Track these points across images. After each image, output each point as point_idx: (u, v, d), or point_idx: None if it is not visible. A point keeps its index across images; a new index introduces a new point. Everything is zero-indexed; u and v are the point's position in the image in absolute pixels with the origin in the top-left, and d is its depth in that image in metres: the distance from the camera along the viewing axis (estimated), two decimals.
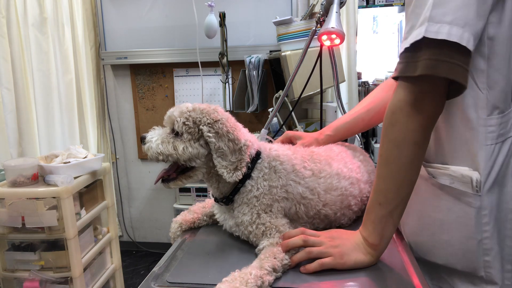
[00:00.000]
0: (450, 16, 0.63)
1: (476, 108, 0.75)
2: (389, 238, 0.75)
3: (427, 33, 0.63)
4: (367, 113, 1.06)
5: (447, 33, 0.62)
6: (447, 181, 0.78)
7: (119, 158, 3.05)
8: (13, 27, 2.31)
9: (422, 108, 0.68)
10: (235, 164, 0.82)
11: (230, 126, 0.83)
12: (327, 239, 0.78)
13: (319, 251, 0.75)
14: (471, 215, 0.77)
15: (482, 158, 0.75)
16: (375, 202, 0.75)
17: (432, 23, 0.64)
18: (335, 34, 1.20)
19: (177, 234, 0.99)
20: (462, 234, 0.78)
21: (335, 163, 0.94)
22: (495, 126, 0.75)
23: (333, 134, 1.09)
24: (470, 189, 0.76)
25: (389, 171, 0.72)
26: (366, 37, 3.87)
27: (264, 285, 0.69)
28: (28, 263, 1.76)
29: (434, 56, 0.64)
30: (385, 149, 0.72)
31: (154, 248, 3.12)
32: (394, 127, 0.70)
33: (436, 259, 0.84)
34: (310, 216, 0.89)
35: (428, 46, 0.65)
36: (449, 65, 0.63)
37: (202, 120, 0.82)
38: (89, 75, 2.83)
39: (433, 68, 0.64)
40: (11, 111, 2.30)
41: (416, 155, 0.71)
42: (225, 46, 2.40)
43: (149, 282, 0.75)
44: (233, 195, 0.87)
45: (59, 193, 1.66)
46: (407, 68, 0.68)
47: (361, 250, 0.76)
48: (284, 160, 0.88)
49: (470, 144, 0.76)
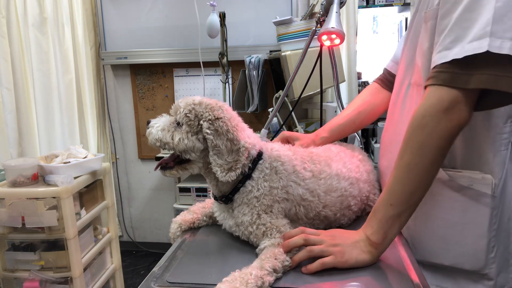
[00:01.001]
0: (511, 32, 0.65)
1: (494, 117, 0.79)
2: (392, 239, 0.76)
3: (491, 47, 0.65)
4: (358, 116, 1.12)
5: (510, 48, 0.65)
6: (466, 183, 0.82)
7: (119, 158, 3.05)
8: (13, 27, 2.31)
9: (453, 115, 0.70)
10: (230, 164, 0.82)
11: (231, 125, 0.83)
12: (328, 237, 0.78)
13: (320, 249, 0.75)
14: (486, 215, 0.81)
15: (497, 163, 0.80)
16: (386, 202, 0.75)
17: (494, 39, 0.65)
18: (335, 34, 1.19)
19: (177, 234, 0.99)
20: (474, 234, 0.82)
21: (334, 164, 0.94)
22: (508, 133, 0.80)
23: (329, 135, 1.12)
24: (489, 191, 0.80)
25: (407, 174, 0.73)
26: (366, 37, 3.87)
27: (264, 285, 0.69)
28: (28, 263, 1.76)
29: (494, 72, 0.66)
30: (408, 152, 0.73)
31: (154, 248, 3.12)
32: (422, 130, 0.72)
33: (443, 261, 0.86)
34: (310, 218, 0.89)
35: (486, 61, 0.67)
36: (510, 80, 0.66)
37: (204, 115, 0.83)
38: (89, 75, 2.83)
39: (493, 83, 0.66)
40: (11, 111, 2.30)
41: (436, 161, 0.73)
42: (225, 46, 2.40)
43: (149, 282, 0.74)
44: (233, 194, 0.87)
45: (59, 193, 1.66)
46: (457, 79, 0.69)
47: (361, 249, 0.76)
48: (285, 160, 0.88)
49: (486, 150, 0.81)
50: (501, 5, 0.66)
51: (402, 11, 3.20)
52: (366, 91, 1.16)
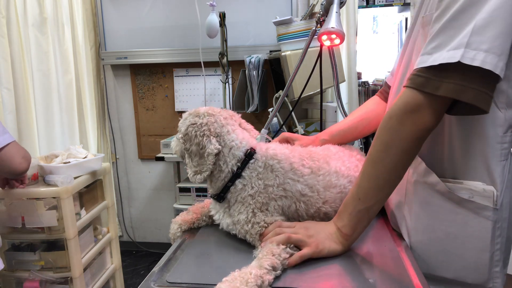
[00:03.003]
0: (487, 44, 0.65)
1: (494, 126, 0.78)
2: (361, 231, 0.82)
3: (463, 58, 0.65)
4: (359, 123, 1.12)
5: (482, 61, 0.65)
6: (466, 195, 0.80)
7: (119, 158, 3.05)
8: (13, 27, 2.30)
9: (417, 119, 0.71)
10: (197, 168, 0.87)
11: (202, 130, 0.87)
12: (302, 229, 0.82)
13: (298, 238, 0.79)
14: (488, 228, 0.79)
15: (498, 173, 0.78)
16: (355, 196, 0.79)
17: (468, 50, 0.65)
18: (335, 34, 1.19)
19: (177, 234, 0.99)
20: (476, 247, 0.80)
21: (333, 162, 0.95)
22: (508, 143, 0.79)
23: (329, 139, 1.12)
24: (491, 204, 0.78)
25: (374, 171, 0.76)
26: (366, 37, 3.87)
27: (264, 284, 0.69)
28: (28, 263, 1.76)
29: (462, 82, 0.67)
30: (375, 149, 0.76)
31: (154, 248, 3.12)
32: (388, 130, 0.74)
33: (445, 274, 0.84)
34: (311, 214, 0.89)
35: (457, 70, 0.67)
36: (476, 92, 0.66)
37: (185, 121, 0.90)
38: (89, 75, 2.83)
39: (458, 93, 0.67)
40: (11, 111, 2.30)
41: (401, 162, 0.74)
42: (225, 46, 2.40)
43: (149, 282, 0.75)
44: (224, 193, 0.90)
45: (59, 193, 1.66)
46: (428, 84, 0.70)
47: (333, 240, 0.81)
48: (281, 158, 0.89)
49: (487, 160, 0.79)
50: (484, 16, 0.66)
51: (402, 11, 3.20)
52: (369, 101, 1.17)
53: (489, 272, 0.80)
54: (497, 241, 0.79)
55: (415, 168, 0.86)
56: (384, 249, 0.85)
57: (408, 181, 0.87)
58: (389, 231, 0.94)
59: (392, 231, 0.94)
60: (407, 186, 0.88)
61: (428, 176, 0.83)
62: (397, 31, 3.58)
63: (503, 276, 0.82)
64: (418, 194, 0.85)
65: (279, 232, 0.81)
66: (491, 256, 0.79)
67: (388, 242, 0.88)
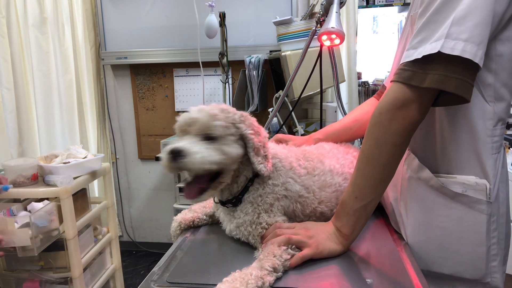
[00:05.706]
0: (467, 34, 0.66)
1: (484, 120, 0.78)
2: (360, 230, 0.82)
3: (443, 48, 0.66)
4: (354, 124, 1.13)
5: (462, 50, 0.66)
6: (460, 189, 0.80)
7: (119, 158, 3.04)
8: (13, 27, 2.30)
9: (407, 113, 0.72)
10: (265, 158, 0.83)
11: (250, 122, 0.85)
12: (302, 230, 0.82)
13: (298, 239, 0.79)
14: (483, 222, 0.79)
15: (490, 166, 0.79)
16: (351, 195, 0.79)
17: (448, 40, 0.67)
18: (335, 34, 1.20)
19: (176, 233, 0.99)
20: (472, 242, 0.80)
21: (327, 160, 0.95)
22: (499, 136, 0.79)
23: (323, 138, 1.12)
24: (484, 197, 0.79)
25: (368, 168, 0.77)
26: (366, 37, 3.87)
27: (264, 285, 0.69)
28: (28, 263, 1.75)
29: (445, 72, 0.67)
30: (367, 147, 0.77)
31: (154, 248, 3.12)
32: (378, 126, 0.75)
33: (443, 270, 0.84)
34: (306, 214, 0.90)
35: (439, 61, 0.68)
36: (458, 81, 0.67)
37: (234, 118, 0.83)
38: (89, 75, 2.83)
39: (442, 83, 0.68)
40: (11, 111, 2.30)
41: (394, 157, 0.75)
42: (225, 46, 2.40)
43: (149, 282, 0.75)
44: (243, 194, 0.86)
45: (58, 193, 1.66)
46: (414, 77, 0.70)
47: (333, 240, 0.81)
48: (282, 157, 0.89)
49: (479, 154, 0.79)
50: (463, 7, 0.67)
51: (402, 11, 3.20)
52: (366, 103, 1.17)
53: (486, 266, 0.80)
54: (493, 235, 0.79)
55: (409, 164, 0.86)
56: (384, 249, 0.85)
57: (403, 177, 0.88)
58: (388, 231, 0.94)
59: (392, 231, 0.95)
60: (402, 183, 0.88)
61: (421, 171, 0.83)
62: (397, 31, 3.59)
63: (502, 272, 0.82)
64: (412, 190, 0.86)
65: (279, 233, 0.81)
66: (488, 250, 0.80)
67: (388, 242, 0.89)
